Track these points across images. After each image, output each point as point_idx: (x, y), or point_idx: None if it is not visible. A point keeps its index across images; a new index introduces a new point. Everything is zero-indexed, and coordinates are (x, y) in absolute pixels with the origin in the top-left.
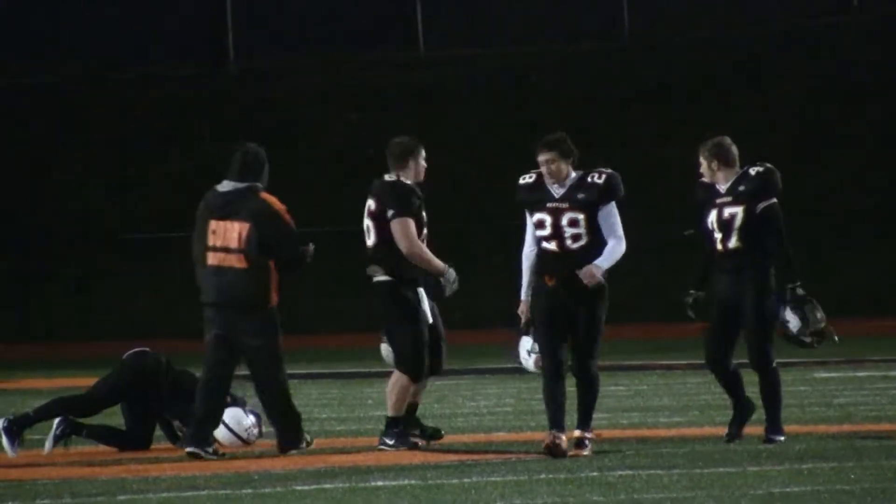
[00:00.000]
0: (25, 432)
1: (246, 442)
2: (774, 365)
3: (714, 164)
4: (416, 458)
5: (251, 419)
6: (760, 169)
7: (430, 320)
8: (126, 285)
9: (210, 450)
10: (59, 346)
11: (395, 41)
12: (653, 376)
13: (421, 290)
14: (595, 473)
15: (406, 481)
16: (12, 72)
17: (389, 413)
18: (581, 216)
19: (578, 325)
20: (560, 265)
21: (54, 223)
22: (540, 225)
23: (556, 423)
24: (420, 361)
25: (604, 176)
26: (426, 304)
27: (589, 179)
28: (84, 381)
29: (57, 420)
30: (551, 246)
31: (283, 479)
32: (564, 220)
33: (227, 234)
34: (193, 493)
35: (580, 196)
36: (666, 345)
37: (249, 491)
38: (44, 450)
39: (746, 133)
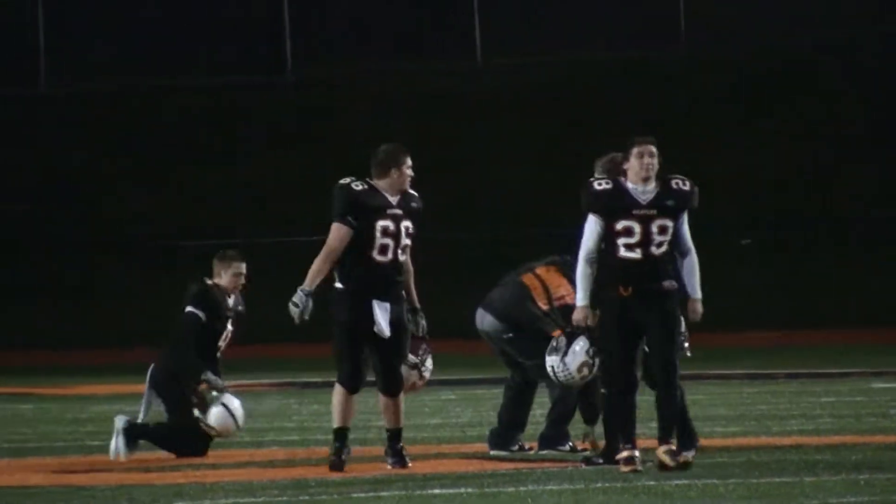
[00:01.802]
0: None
1: (237, 424)
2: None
3: None
4: (473, 466)
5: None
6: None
7: (386, 334)
8: (175, 294)
9: (567, 446)
10: (99, 351)
11: (452, 49)
12: (709, 385)
13: (378, 303)
14: (651, 483)
15: (463, 489)
16: (59, 80)
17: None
18: (670, 223)
19: (656, 333)
20: (640, 273)
21: (94, 230)
22: (627, 233)
23: (631, 439)
24: (345, 372)
25: (688, 183)
26: (381, 318)
27: (674, 185)
28: (124, 388)
29: (120, 421)
30: (635, 254)
31: (340, 486)
32: (654, 228)
33: None
34: (250, 500)
35: (669, 203)
36: (722, 354)
37: (306, 498)
38: (114, 455)
39: (795, 140)
